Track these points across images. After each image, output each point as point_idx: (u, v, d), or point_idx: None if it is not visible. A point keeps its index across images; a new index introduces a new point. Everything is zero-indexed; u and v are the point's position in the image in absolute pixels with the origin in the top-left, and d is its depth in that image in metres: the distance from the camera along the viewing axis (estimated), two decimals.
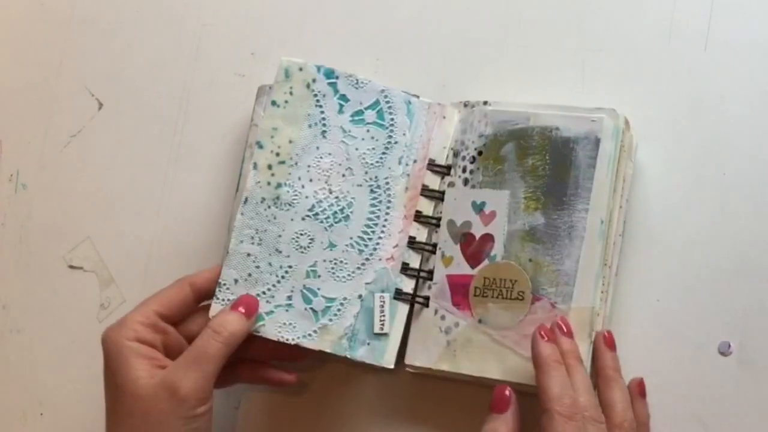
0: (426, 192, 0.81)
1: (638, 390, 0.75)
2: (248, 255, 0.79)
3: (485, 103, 0.79)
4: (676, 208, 0.78)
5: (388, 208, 0.80)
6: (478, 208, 0.78)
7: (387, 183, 0.80)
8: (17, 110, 0.98)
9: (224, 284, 0.79)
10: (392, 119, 0.80)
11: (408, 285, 0.80)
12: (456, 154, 0.80)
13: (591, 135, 0.75)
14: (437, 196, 0.80)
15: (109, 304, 0.92)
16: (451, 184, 0.79)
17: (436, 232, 0.80)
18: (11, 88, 0.99)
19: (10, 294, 0.96)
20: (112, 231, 0.94)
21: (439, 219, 0.80)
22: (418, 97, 0.81)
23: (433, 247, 0.80)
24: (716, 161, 0.77)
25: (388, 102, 0.81)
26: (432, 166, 0.81)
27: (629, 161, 0.77)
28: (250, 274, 0.79)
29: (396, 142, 0.80)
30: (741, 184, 0.77)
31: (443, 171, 0.80)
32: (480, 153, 0.78)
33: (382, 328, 0.79)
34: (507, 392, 0.73)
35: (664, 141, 0.79)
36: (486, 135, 0.78)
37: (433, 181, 0.81)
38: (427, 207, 0.81)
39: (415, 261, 0.80)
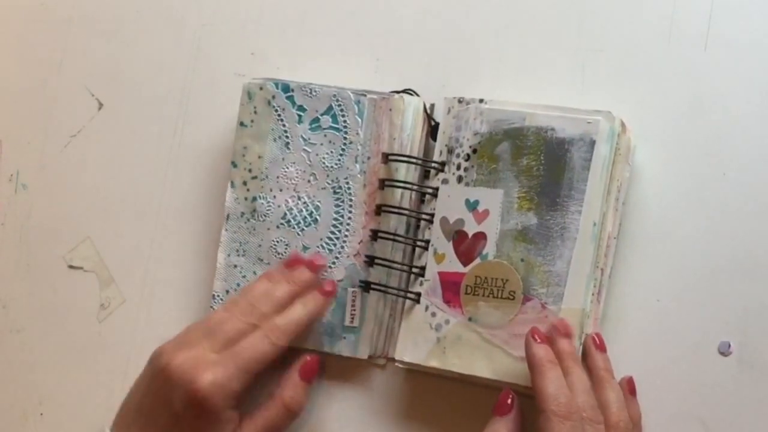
0: (389, 183, 0.82)
1: (629, 388, 0.75)
2: (235, 267, 0.85)
3: (481, 101, 0.79)
4: (676, 207, 0.77)
5: (350, 206, 0.83)
6: (472, 206, 0.78)
7: (347, 183, 0.83)
8: (17, 110, 0.99)
9: (217, 296, 0.86)
10: (345, 121, 0.83)
11: (374, 276, 0.82)
12: (450, 151, 0.79)
13: (586, 137, 0.75)
14: (430, 192, 0.80)
15: (109, 304, 0.93)
16: (445, 181, 0.79)
17: (429, 228, 0.80)
18: (11, 88, 0.99)
19: (10, 294, 0.96)
20: (112, 231, 0.94)
21: (432, 215, 0.80)
22: (365, 95, 0.83)
23: (426, 243, 0.79)
24: (716, 161, 0.77)
25: (339, 105, 0.83)
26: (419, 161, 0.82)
27: (626, 164, 0.77)
28: (238, 284, 0.85)
29: (351, 142, 0.83)
30: (741, 184, 0.76)
31: (438, 167, 0.80)
32: (475, 151, 0.78)
33: (352, 321, 0.82)
34: (509, 400, 0.73)
35: (664, 141, 0.78)
36: (481, 133, 0.78)
37: (391, 173, 0.82)
38: (390, 197, 0.82)
39: (380, 252, 0.81)
